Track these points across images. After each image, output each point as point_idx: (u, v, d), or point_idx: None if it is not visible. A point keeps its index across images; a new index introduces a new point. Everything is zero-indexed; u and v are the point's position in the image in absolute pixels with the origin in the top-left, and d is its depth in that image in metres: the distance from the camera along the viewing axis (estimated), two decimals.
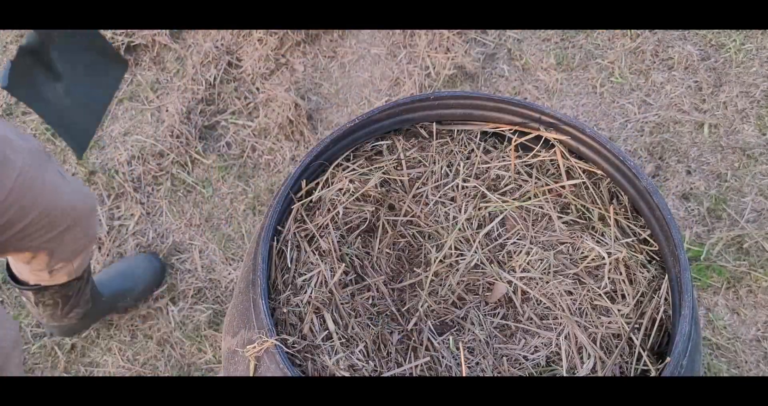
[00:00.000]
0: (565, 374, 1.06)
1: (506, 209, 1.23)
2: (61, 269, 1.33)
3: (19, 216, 1.06)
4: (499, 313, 1.16)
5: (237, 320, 1.07)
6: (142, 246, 1.86)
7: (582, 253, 1.18)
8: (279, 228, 1.12)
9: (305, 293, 1.07)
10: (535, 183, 1.24)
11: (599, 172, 1.20)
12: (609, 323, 1.10)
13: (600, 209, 1.20)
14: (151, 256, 1.81)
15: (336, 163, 1.21)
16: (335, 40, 2.19)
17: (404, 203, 1.25)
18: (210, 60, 2.10)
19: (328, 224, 1.16)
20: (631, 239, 1.16)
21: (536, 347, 1.10)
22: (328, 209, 1.18)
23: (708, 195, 1.91)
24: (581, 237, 1.18)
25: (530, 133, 1.23)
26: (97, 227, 1.34)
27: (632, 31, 2.20)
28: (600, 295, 1.13)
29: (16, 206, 1.05)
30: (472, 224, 1.23)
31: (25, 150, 1.04)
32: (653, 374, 1.02)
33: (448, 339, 1.11)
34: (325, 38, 2.18)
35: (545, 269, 1.17)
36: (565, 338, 1.09)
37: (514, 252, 1.21)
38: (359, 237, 1.20)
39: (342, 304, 1.09)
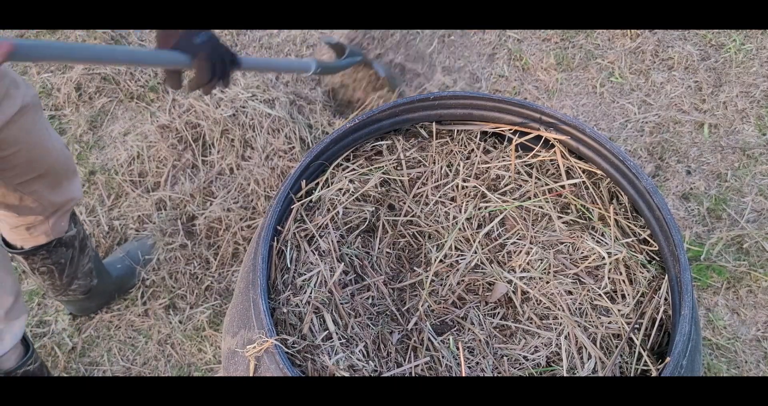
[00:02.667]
0: (565, 375, 1.05)
1: (506, 209, 1.23)
2: (38, 226, 1.39)
3: (9, 142, 1.17)
4: (499, 313, 1.16)
5: (237, 320, 1.07)
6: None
7: (582, 253, 1.18)
8: (279, 228, 1.12)
9: (305, 293, 1.07)
10: (535, 183, 1.24)
11: (599, 172, 1.20)
12: (609, 323, 1.10)
13: (600, 209, 1.20)
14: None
15: (336, 163, 1.21)
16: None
17: (404, 202, 1.25)
18: None
19: (327, 224, 1.16)
20: (631, 239, 1.16)
21: (536, 347, 1.10)
22: (328, 209, 1.18)
23: (708, 195, 1.91)
24: (581, 237, 1.18)
25: (530, 133, 1.23)
26: (74, 192, 1.40)
27: (632, 31, 2.20)
28: (600, 295, 1.13)
29: (12, 130, 1.16)
30: (472, 223, 1.23)
31: (28, 95, 1.18)
32: (653, 374, 1.01)
33: (448, 339, 1.11)
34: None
35: (545, 269, 1.17)
36: (565, 338, 1.09)
37: (514, 252, 1.21)
38: (359, 237, 1.20)
39: (342, 304, 1.09)
